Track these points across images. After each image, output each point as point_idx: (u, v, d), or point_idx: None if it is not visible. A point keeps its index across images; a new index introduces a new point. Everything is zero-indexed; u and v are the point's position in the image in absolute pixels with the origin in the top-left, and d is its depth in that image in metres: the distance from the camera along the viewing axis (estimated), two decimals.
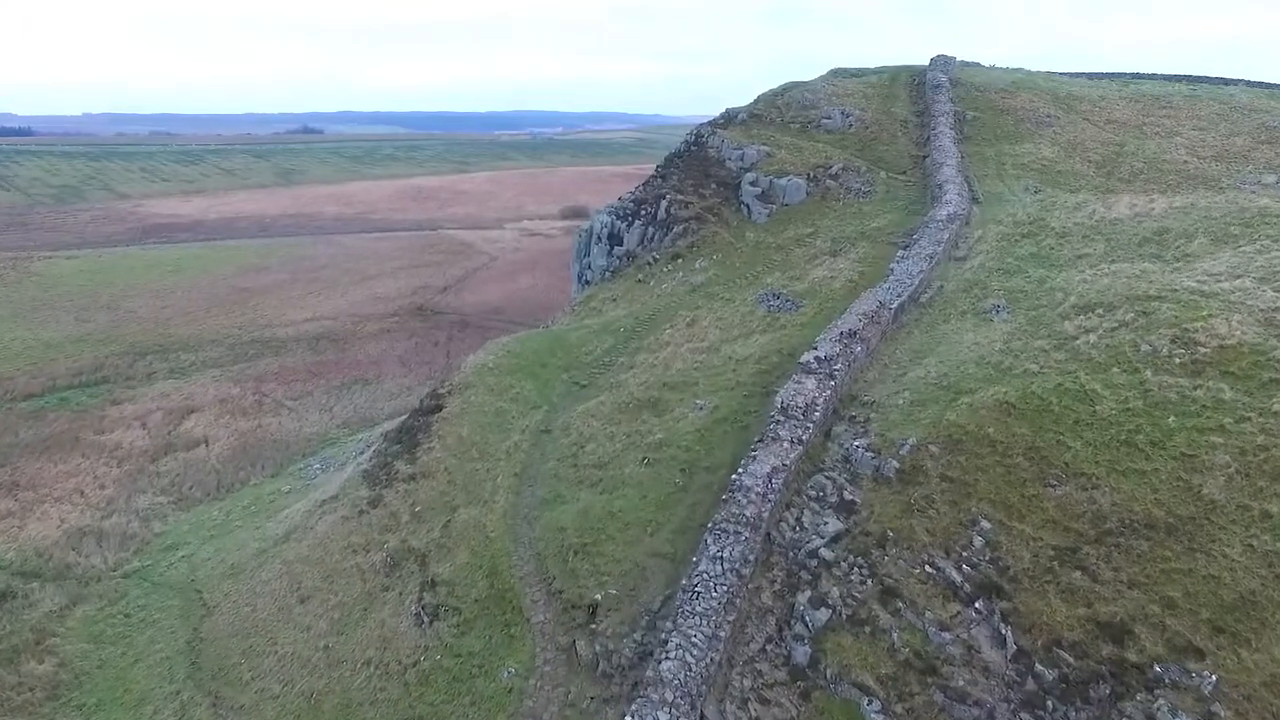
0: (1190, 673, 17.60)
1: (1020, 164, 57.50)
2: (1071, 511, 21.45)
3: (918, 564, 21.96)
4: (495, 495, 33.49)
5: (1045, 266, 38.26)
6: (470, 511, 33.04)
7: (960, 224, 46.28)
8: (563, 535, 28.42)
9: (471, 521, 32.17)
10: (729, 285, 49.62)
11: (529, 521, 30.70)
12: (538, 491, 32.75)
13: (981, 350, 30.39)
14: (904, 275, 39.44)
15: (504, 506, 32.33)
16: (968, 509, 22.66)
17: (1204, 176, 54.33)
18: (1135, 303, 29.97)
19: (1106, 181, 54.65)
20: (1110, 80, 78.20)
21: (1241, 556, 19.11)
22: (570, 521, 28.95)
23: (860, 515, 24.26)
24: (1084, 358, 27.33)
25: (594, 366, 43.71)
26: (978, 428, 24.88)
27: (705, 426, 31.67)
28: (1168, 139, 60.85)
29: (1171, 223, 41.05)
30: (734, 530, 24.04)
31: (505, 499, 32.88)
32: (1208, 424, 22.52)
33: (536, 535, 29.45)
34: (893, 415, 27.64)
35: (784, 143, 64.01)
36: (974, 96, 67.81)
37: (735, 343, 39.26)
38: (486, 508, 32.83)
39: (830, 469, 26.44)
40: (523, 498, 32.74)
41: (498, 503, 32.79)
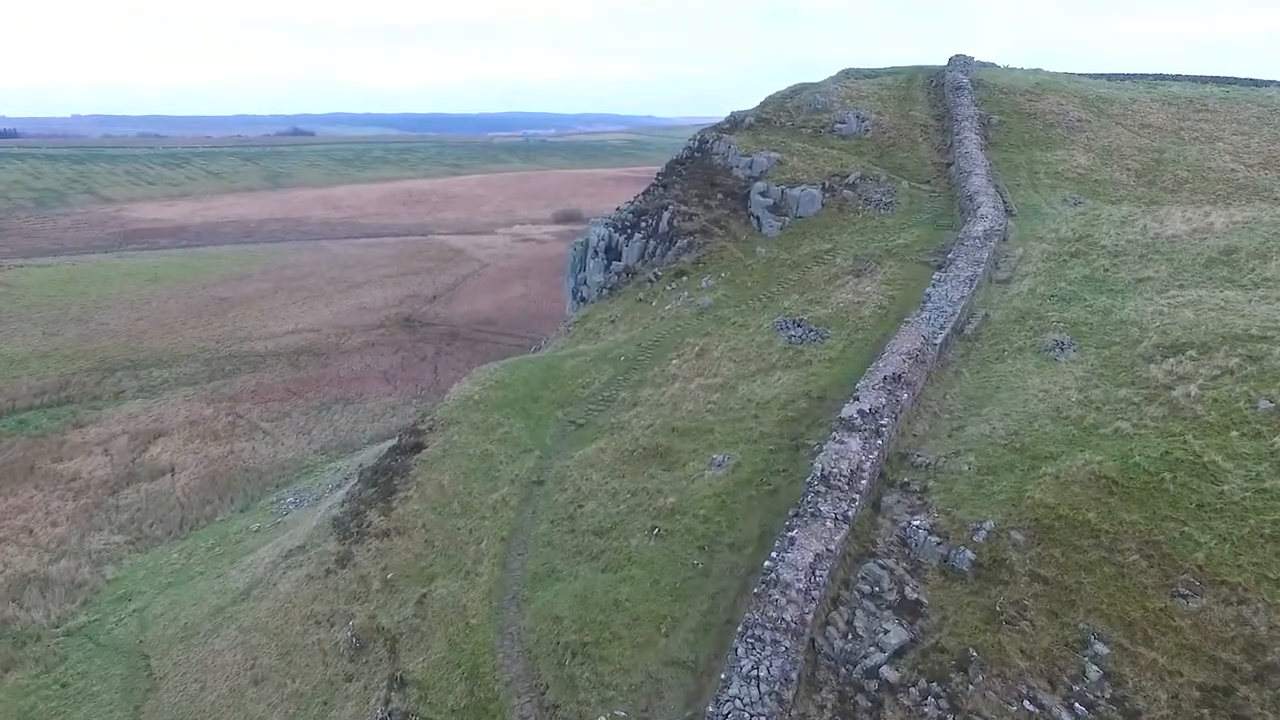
0: None
1: (1054, 172, 52.92)
2: (1216, 635, 16.74)
3: (1014, 698, 17.19)
4: (479, 565, 28.64)
5: (1105, 293, 33.62)
6: (449, 585, 28.19)
7: (998, 241, 41.66)
8: (559, 628, 23.59)
9: (450, 600, 27.31)
10: (741, 308, 44.86)
11: (518, 604, 25.85)
12: (529, 563, 27.91)
13: (1054, 400, 25.69)
14: (943, 302, 34.73)
15: (489, 581, 27.48)
16: (1073, 623, 17.92)
17: (1256, 186, 49.87)
18: (1236, 343, 25.34)
19: (1150, 192, 50.13)
20: (1135, 82, 73.79)
21: None
22: (567, 609, 24.13)
23: (929, 621, 19.49)
24: (1188, 416, 22.66)
25: (592, 402, 38.89)
26: (1072, 510, 20.14)
27: (726, 490, 26.87)
28: (1209, 144, 56.40)
29: (1238, 240, 36.53)
30: (771, 638, 19.22)
31: (490, 571, 28.04)
32: None
33: (527, 625, 24.60)
34: (958, 486, 22.88)
35: (795, 149, 59.35)
36: (997, 99, 63.25)
37: (754, 380, 34.48)
38: (468, 581, 27.97)
39: (885, 555, 21.66)
40: (511, 570, 27.90)
41: (481, 575, 27.94)
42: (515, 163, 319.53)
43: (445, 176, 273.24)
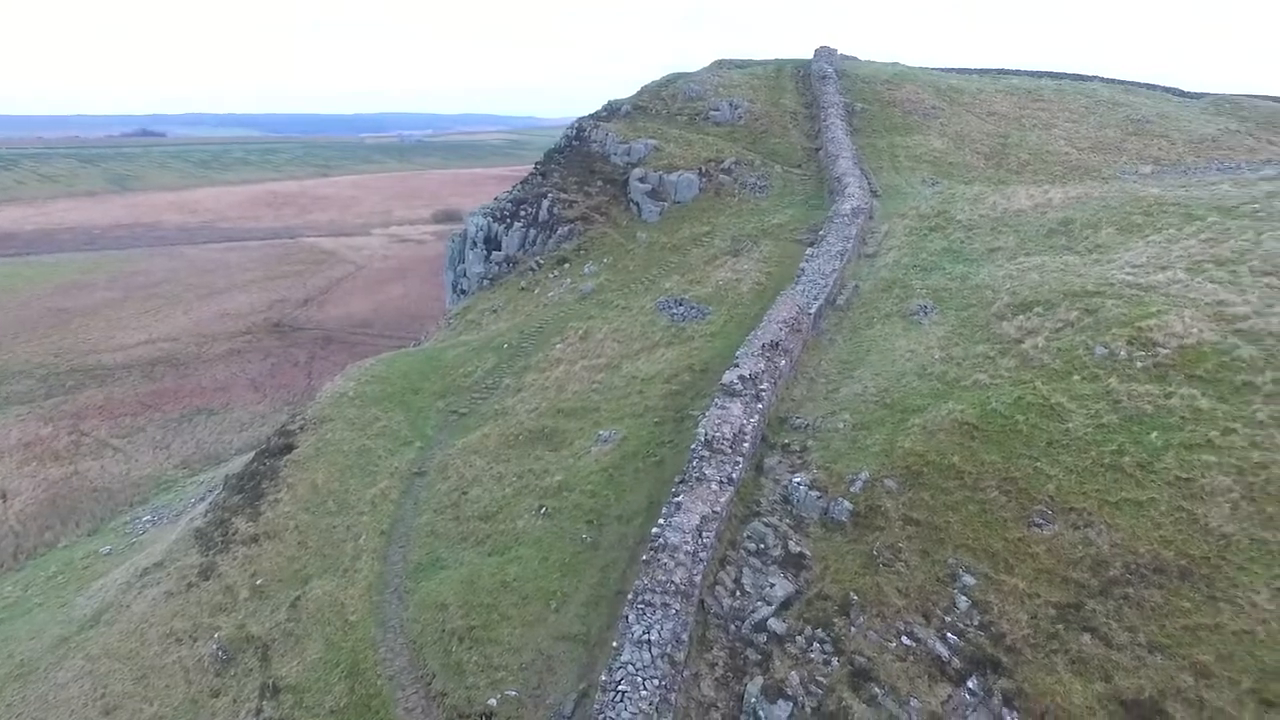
0: None
1: (913, 156, 55.93)
2: (1066, 557, 17.89)
3: (892, 635, 17.79)
4: (357, 561, 27.16)
5: (962, 262, 35.70)
6: (326, 584, 26.57)
7: (865, 218, 43.53)
8: (444, 615, 22.64)
9: (327, 599, 25.73)
10: (623, 291, 44.85)
11: (400, 596, 24.66)
12: (411, 554, 26.72)
13: (920, 359, 26.96)
14: (816, 275, 35.89)
15: (368, 576, 26.09)
16: (943, 560, 18.74)
17: (1086, 167, 54.47)
18: (1075, 300, 27.38)
19: (997, 173, 53.81)
20: (982, 75, 79.22)
21: (1271, 604, 16.02)
22: (453, 595, 23.20)
23: (812, 572, 19.93)
24: (1036, 364, 24.26)
25: (475, 391, 37.81)
26: (939, 456, 21.11)
27: (613, 464, 26.65)
28: (1046, 131, 61.19)
29: (1074, 213, 39.63)
30: (661, 602, 19.12)
31: (370, 566, 26.64)
32: (1194, 439, 19.63)
33: (410, 616, 23.49)
34: (835, 443, 23.59)
35: (672, 136, 60.00)
36: (860, 88, 66.26)
37: (638, 358, 34.47)
38: (346, 579, 26.46)
39: (769, 513, 22.02)
40: (392, 563, 26.61)
41: (360, 572, 26.50)
42: (390, 163, 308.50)
43: (314, 178, 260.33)
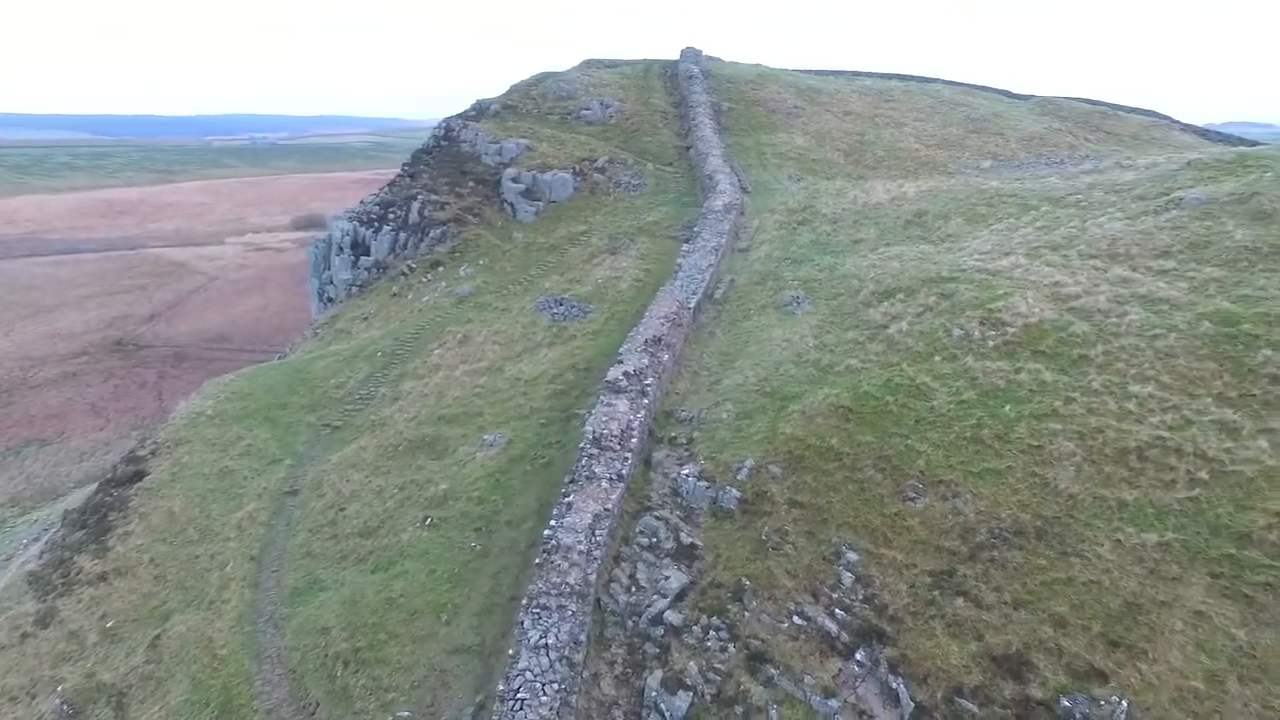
0: (1098, 700, 15.51)
1: (779, 153, 58.02)
2: (938, 527, 18.99)
3: (784, 616, 18.29)
4: (225, 591, 25.22)
5: (829, 253, 37.33)
6: (189, 619, 24.49)
7: (737, 214, 44.73)
8: (326, 640, 21.36)
9: (191, 634, 23.72)
10: (501, 293, 44.01)
11: (276, 624, 23.07)
12: (286, 578, 25.06)
13: (795, 347, 27.92)
14: (694, 270, 36.52)
15: (238, 606, 24.26)
16: (828, 539, 19.46)
17: (934, 162, 58.34)
18: (932, 286, 29.17)
19: (856, 169, 56.69)
20: (837, 76, 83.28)
21: (1113, 555, 17.61)
22: (335, 618, 21.93)
23: (705, 561, 20.20)
24: (902, 348, 25.66)
25: (348, 402, 35.99)
26: (818, 439, 21.92)
27: (499, 468, 26.02)
28: (898, 129, 65.07)
29: (926, 205, 42.27)
30: (557, 604, 18.82)
31: (240, 595, 24.79)
32: (1041, 410, 21.33)
33: (289, 644, 22.01)
34: (720, 433, 24.03)
35: (544, 135, 59.47)
36: (726, 88, 68.09)
37: (520, 360, 33.88)
38: (213, 611, 24.50)
39: (660, 507, 22.15)
40: (265, 590, 24.87)
41: (229, 602, 24.61)
42: (241, 167, 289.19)
43: (156, 184, 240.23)
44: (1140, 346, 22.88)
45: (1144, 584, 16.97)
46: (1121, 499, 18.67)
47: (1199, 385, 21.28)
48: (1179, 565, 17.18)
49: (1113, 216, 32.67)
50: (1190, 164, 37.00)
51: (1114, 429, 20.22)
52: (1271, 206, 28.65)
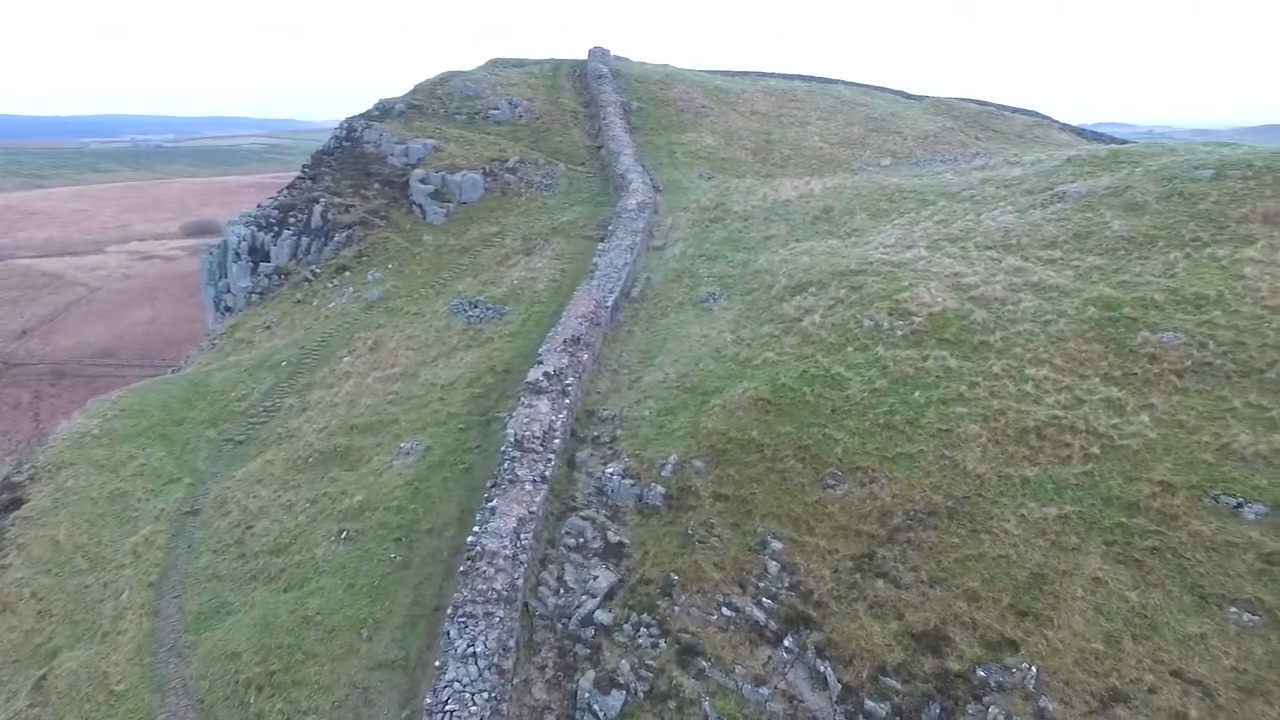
0: (1010, 668, 16.30)
1: (689, 152, 58.68)
2: (857, 512, 19.56)
3: (713, 608, 18.45)
4: (120, 622, 23.52)
5: (742, 250, 37.97)
6: (80, 654, 22.72)
7: (651, 213, 44.97)
8: (236, 665, 20.21)
9: (83, 671, 22.00)
10: (413, 297, 42.82)
11: (180, 653, 21.68)
12: (189, 604, 23.60)
13: (713, 343, 28.26)
14: (610, 269, 36.48)
15: (136, 637, 22.68)
16: (753, 529, 19.75)
17: (838, 160, 60.22)
18: (842, 279, 30.06)
19: (764, 167, 57.92)
20: (743, 76, 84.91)
21: (1018, 529, 18.56)
22: (246, 642, 20.79)
23: (633, 559, 20.16)
24: (816, 340, 26.34)
25: (252, 415, 34.24)
26: (739, 432, 22.23)
27: (418, 476, 25.26)
28: (802, 128, 66.86)
29: (832, 202, 43.57)
30: (484, 612, 18.40)
31: (137, 625, 23.18)
32: (948, 395, 22.28)
33: (195, 673, 20.72)
34: (643, 430, 24.05)
35: (452, 135, 58.25)
36: (635, 87, 68.39)
37: (436, 365, 33.02)
38: (108, 644, 22.81)
39: (586, 506, 21.98)
40: (166, 618, 23.34)
41: (125, 633, 22.97)
42: (123, 172, 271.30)
43: (23, 189, 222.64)
44: (1034, 332, 24.22)
45: (1047, 555, 17.95)
46: (1024, 476, 19.70)
47: (1087, 366, 22.68)
48: (1077, 536, 18.25)
49: (1004, 210, 34.49)
50: (1070, 160, 39.43)
51: (1014, 410, 21.32)
52: (1143, 199, 30.83)
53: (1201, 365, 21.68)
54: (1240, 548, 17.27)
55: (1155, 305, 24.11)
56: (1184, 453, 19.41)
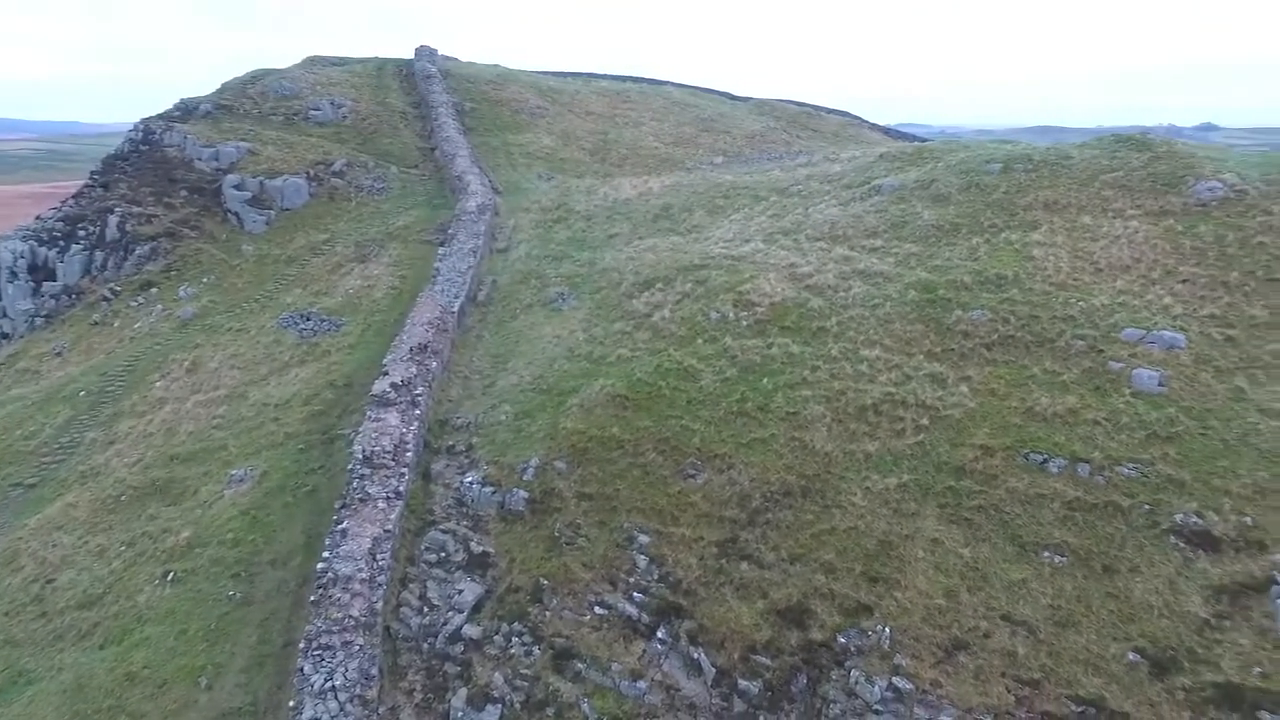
0: (866, 631, 17.33)
1: (527, 153, 58.08)
2: (718, 499, 20.07)
3: (585, 608, 18.29)
4: None
5: (588, 249, 38.04)
6: None
7: (492, 214, 44.04)
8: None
9: None
10: (235, 312, 39.43)
11: None
12: None
13: (566, 343, 28.07)
14: (453, 274, 35.37)
15: None
16: (619, 525, 19.76)
17: (673, 159, 61.83)
18: (687, 273, 30.83)
19: (603, 166, 58.39)
20: (575, 78, 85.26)
21: (864, 501, 19.77)
22: (54, 713, 18.21)
23: (500, 568, 19.60)
24: (666, 334, 26.82)
25: (45, 454, 30.15)
26: (599, 430, 22.19)
27: (254, 504, 23.23)
28: (637, 128, 68.07)
29: (671, 199, 44.66)
30: (341, 641, 17.22)
31: None
32: (794, 379, 23.38)
33: None
34: (500, 435, 23.44)
35: (269, 138, 54.20)
36: (466, 88, 66.79)
37: (267, 383, 30.54)
38: None
39: (445, 519, 21.11)
40: None
41: None
42: None
43: None
44: (865, 316, 25.95)
45: (891, 523, 19.26)
46: (866, 451, 21.03)
47: (913, 345, 24.59)
48: (915, 502, 19.71)
49: (829, 204, 36.77)
50: (882, 157, 42.69)
51: (853, 390, 22.73)
52: (947, 191, 33.89)
53: (1006, 338, 24.11)
54: (1048, 498, 19.35)
55: (964, 286, 26.54)
56: (997, 418, 21.48)
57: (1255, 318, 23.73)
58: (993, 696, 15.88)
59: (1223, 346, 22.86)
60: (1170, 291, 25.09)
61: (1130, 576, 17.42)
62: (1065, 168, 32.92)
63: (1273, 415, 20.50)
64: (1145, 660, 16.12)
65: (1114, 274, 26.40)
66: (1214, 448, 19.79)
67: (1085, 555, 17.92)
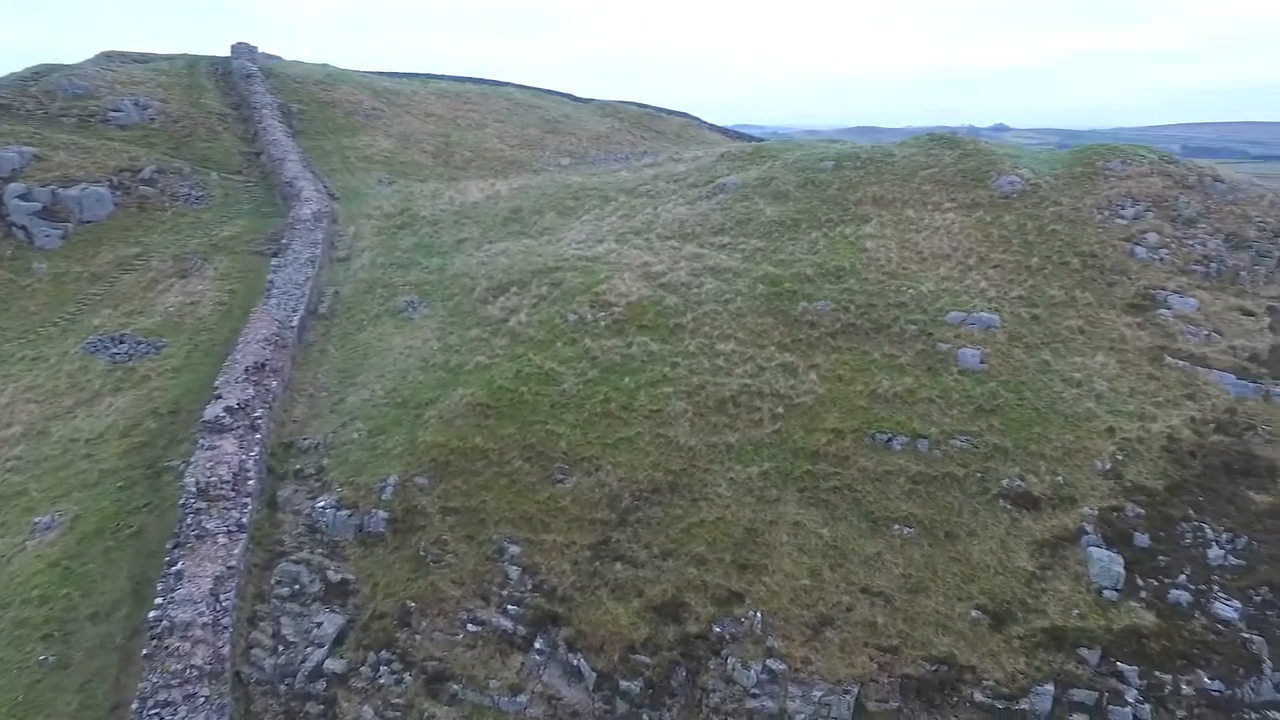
0: (740, 619, 17.83)
1: (364, 156, 55.25)
2: (588, 501, 19.94)
3: (457, 626, 17.60)
4: None
5: (436, 255, 36.75)
6: None
7: (329, 222, 41.53)
8: None
9: None
10: (28, 339, 34.78)
11: None
12: None
13: (420, 353, 26.94)
14: (290, 286, 33.05)
15: None
16: (488, 538, 19.17)
17: (519, 161, 60.95)
18: (541, 276, 30.49)
19: (447, 170, 56.59)
20: (412, 79, 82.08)
21: (729, 491, 20.34)
22: None
23: (362, 594, 18.48)
24: (525, 338, 26.37)
25: None
26: (461, 441, 21.43)
27: (66, 553, 20.53)
28: (480, 130, 66.53)
29: (520, 202, 44.05)
30: (183, 695, 15.64)
31: None
32: (655, 377, 23.67)
33: None
34: (354, 455, 22.10)
35: (60, 142, 48.19)
36: (292, 88, 62.58)
37: (74, 417, 27.14)
38: None
39: (297, 549, 19.64)
40: None
41: None
42: None
43: None
44: (718, 311, 26.72)
45: (755, 510, 19.92)
46: (727, 442, 21.64)
47: (764, 337, 25.60)
48: (776, 488, 20.51)
49: (677, 202, 37.59)
50: (723, 156, 44.20)
51: (712, 384, 23.33)
52: (785, 188, 35.58)
53: (848, 326, 25.63)
54: (894, 475, 20.74)
55: (808, 279, 27.96)
56: (845, 402, 22.78)
57: (1054, 297, 26.61)
58: (858, 667, 16.79)
59: (1030, 324, 25.46)
60: (985, 276, 27.63)
61: (969, 540, 18.99)
62: (889, 165, 35.46)
63: (1073, 384, 23.08)
64: (985, 615, 17.62)
65: (937, 262, 28.72)
66: (1029, 416, 21.98)
67: (930, 525, 19.35)
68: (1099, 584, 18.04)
